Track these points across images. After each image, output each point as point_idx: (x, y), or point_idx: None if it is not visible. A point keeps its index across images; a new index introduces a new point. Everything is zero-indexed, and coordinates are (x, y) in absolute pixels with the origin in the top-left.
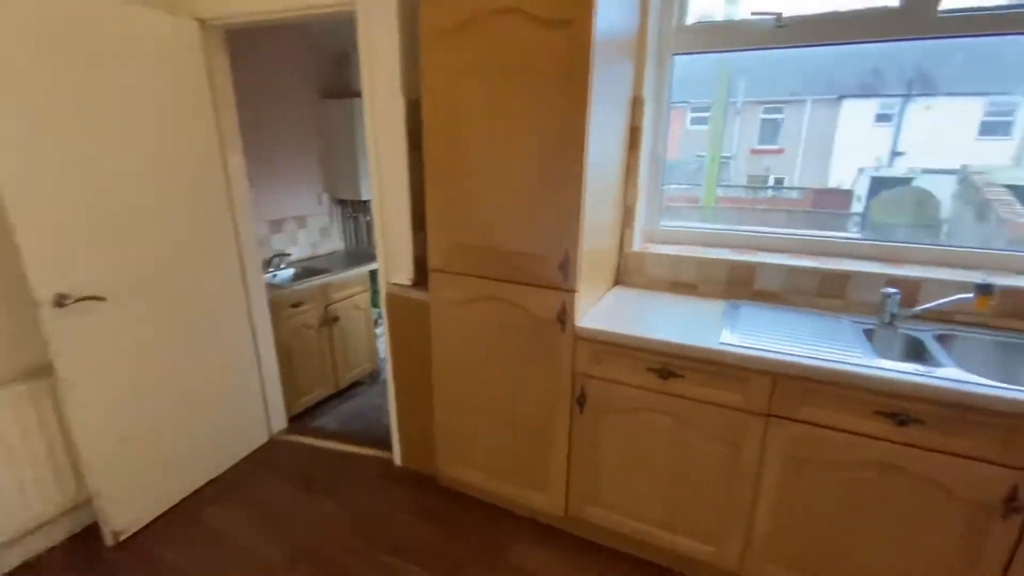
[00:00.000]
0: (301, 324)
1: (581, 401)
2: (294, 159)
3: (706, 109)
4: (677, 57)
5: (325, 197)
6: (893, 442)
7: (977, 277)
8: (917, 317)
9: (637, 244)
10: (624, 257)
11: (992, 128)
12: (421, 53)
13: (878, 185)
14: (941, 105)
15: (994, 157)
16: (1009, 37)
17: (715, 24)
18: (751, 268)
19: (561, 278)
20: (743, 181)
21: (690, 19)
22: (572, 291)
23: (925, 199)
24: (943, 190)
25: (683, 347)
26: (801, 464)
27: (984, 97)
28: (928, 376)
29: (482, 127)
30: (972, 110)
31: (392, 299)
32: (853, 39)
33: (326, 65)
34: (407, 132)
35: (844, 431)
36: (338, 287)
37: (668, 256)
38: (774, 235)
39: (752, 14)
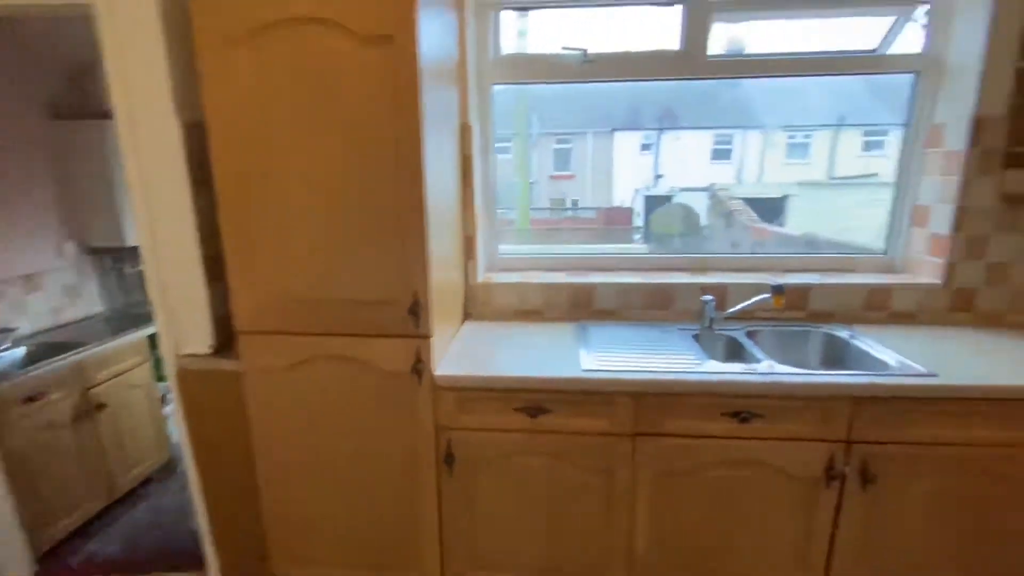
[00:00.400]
0: (44, 423)
1: (449, 459)
2: (16, 199)
3: (507, 139)
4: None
5: (70, 246)
6: (740, 438)
7: (771, 279)
8: (730, 319)
9: (481, 275)
10: (470, 290)
11: (720, 154)
12: (199, 67)
13: (650, 202)
14: (685, 136)
15: (723, 177)
16: (728, 84)
17: (530, 56)
18: (590, 289)
19: (412, 324)
20: (547, 204)
21: (504, 50)
22: (426, 336)
23: (689, 213)
24: (699, 205)
25: (551, 380)
26: (670, 476)
27: (712, 130)
28: (754, 374)
29: (295, 157)
30: (705, 140)
31: (185, 376)
32: (646, 77)
33: (57, 78)
34: (188, 162)
35: (701, 436)
36: (100, 363)
37: (514, 285)
38: (604, 255)
39: (563, 49)
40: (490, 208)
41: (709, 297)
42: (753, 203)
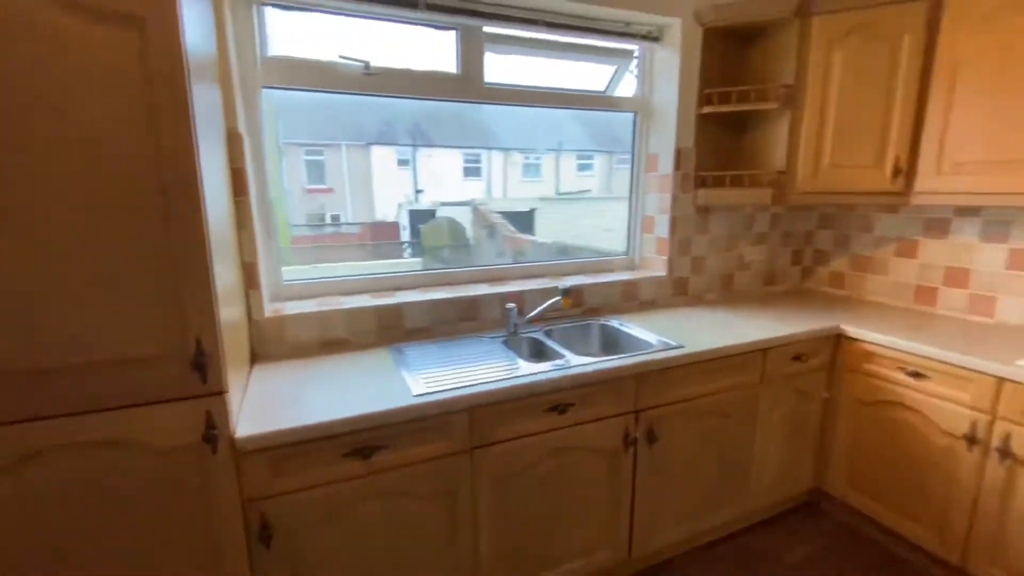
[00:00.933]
0: None
1: (265, 535)
2: None
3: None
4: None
5: None
6: (560, 428)
7: (559, 283)
8: (530, 322)
9: (268, 308)
10: (257, 327)
11: (471, 172)
12: None
13: (415, 217)
14: (439, 153)
15: (475, 193)
16: (472, 107)
17: (304, 61)
18: (397, 310)
19: (198, 379)
20: (303, 220)
21: (274, 51)
22: (220, 393)
23: (455, 226)
24: (463, 218)
25: (384, 414)
26: (507, 480)
27: (461, 149)
28: (564, 368)
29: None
30: (457, 158)
31: None
32: (427, 96)
33: None
34: None
35: (529, 435)
36: None
37: (312, 315)
38: (405, 274)
39: (340, 57)
40: (269, 229)
41: (512, 305)
42: (508, 216)
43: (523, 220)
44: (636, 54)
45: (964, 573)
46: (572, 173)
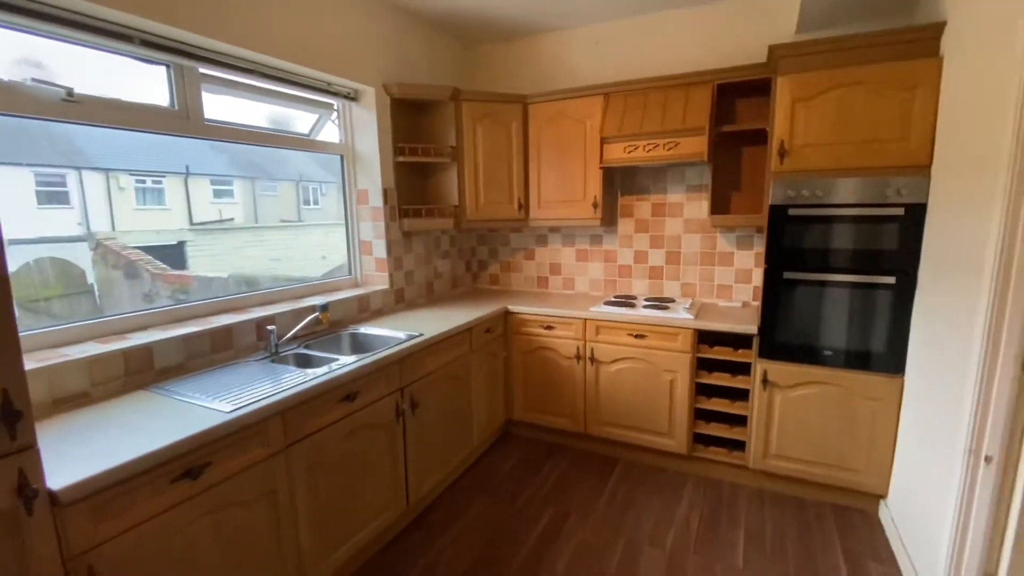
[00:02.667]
0: None
1: None
2: None
3: None
4: None
5: None
6: (351, 414)
7: (316, 301)
8: (292, 339)
9: None
10: None
11: (53, 197)
12: None
13: None
14: None
15: (62, 224)
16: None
17: None
18: (145, 351)
19: (7, 437)
20: None
21: None
22: (31, 447)
23: (65, 268)
24: (79, 258)
25: (207, 432)
26: (315, 468)
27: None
28: (348, 366)
29: None
30: (21, 179)
31: None
32: (142, 128)
33: None
34: None
35: (330, 424)
36: None
37: (36, 372)
38: (125, 316)
39: (33, 80)
40: None
41: (272, 327)
42: (148, 251)
43: (172, 254)
44: (336, 107)
45: (587, 435)
46: (207, 200)
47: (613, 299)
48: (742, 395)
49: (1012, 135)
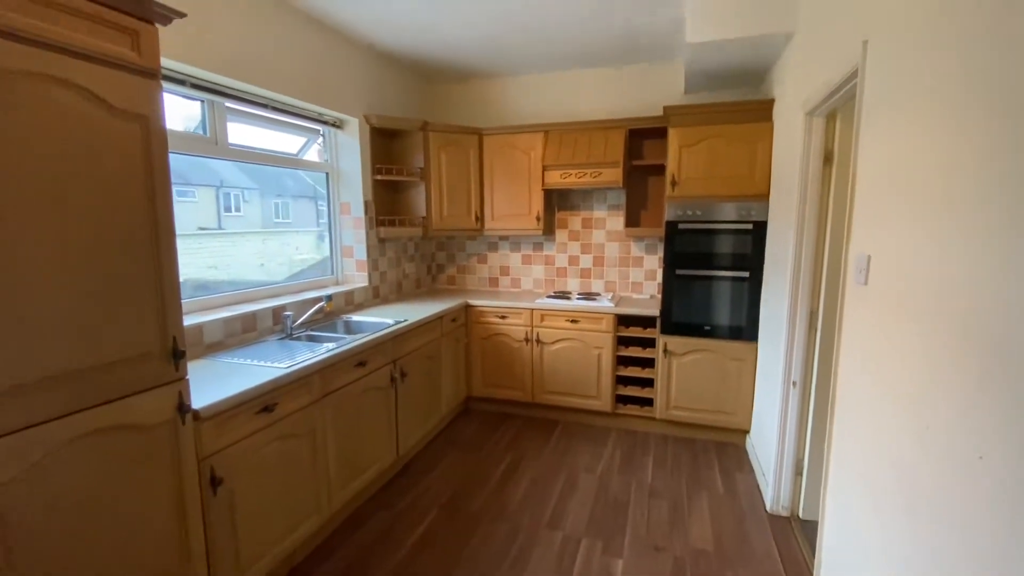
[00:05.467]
0: None
1: (215, 482)
2: None
3: None
4: None
5: None
6: (362, 377)
7: (324, 292)
8: (303, 324)
9: None
10: None
11: None
12: None
13: None
14: None
15: None
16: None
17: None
18: (198, 329)
19: (173, 368)
20: None
21: None
22: (183, 378)
23: None
24: None
25: (281, 378)
26: (340, 414)
27: None
28: (358, 340)
29: (44, 217)
30: None
31: None
32: (186, 151)
33: None
34: None
35: (350, 383)
36: None
37: None
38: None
39: None
40: None
41: (289, 313)
42: None
43: None
44: (322, 132)
45: (534, 403)
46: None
47: (553, 294)
48: (650, 363)
49: (798, 178)
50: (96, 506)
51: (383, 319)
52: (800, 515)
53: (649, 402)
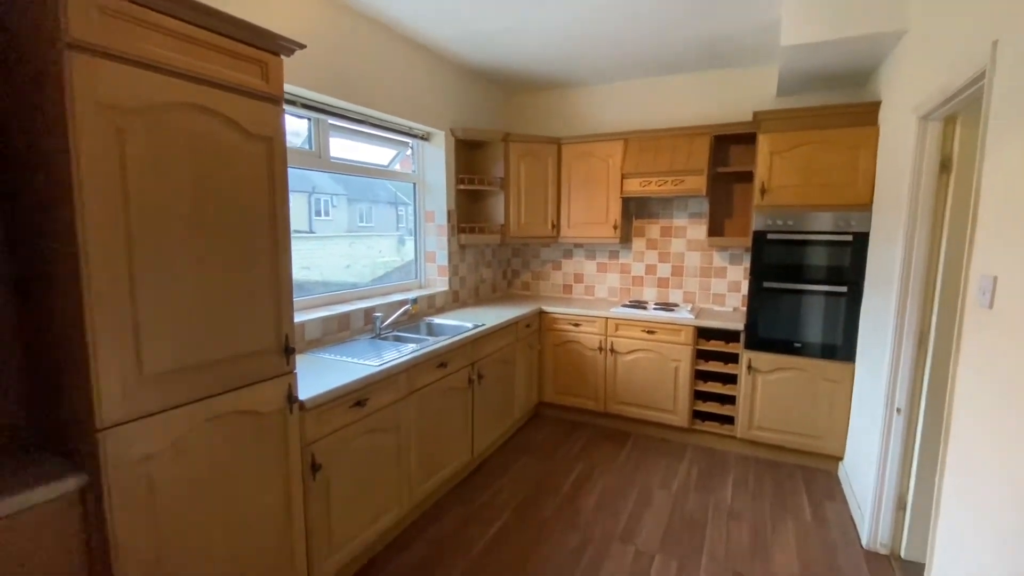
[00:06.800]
0: None
1: (315, 467)
2: None
3: None
4: None
5: None
6: (443, 377)
7: (408, 295)
8: (391, 325)
9: None
10: None
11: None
12: (74, 129)
13: None
14: None
15: None
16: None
17: None
18: (300, 327)
19: (285, 363)
20: None
21: None
22: (292, 371)
23: None
24: None
25: (367, 377)
26: (422, 415)
27: None
28: (441, 342)
29: (190, 227)
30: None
31: None
32: (296, 165)
33: None
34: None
35: (432, 382)
36: None
37: None
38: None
39: None
40: None
41: (379, 314)
42: None
43: None
44: (411, 144)
45: (606, 413)
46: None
47: (628, 303)
48: (731, 379)
49: (909, 187)
50: (222, 478)
51: (463, 322)
52: (902, 554)
53: (730, 420)
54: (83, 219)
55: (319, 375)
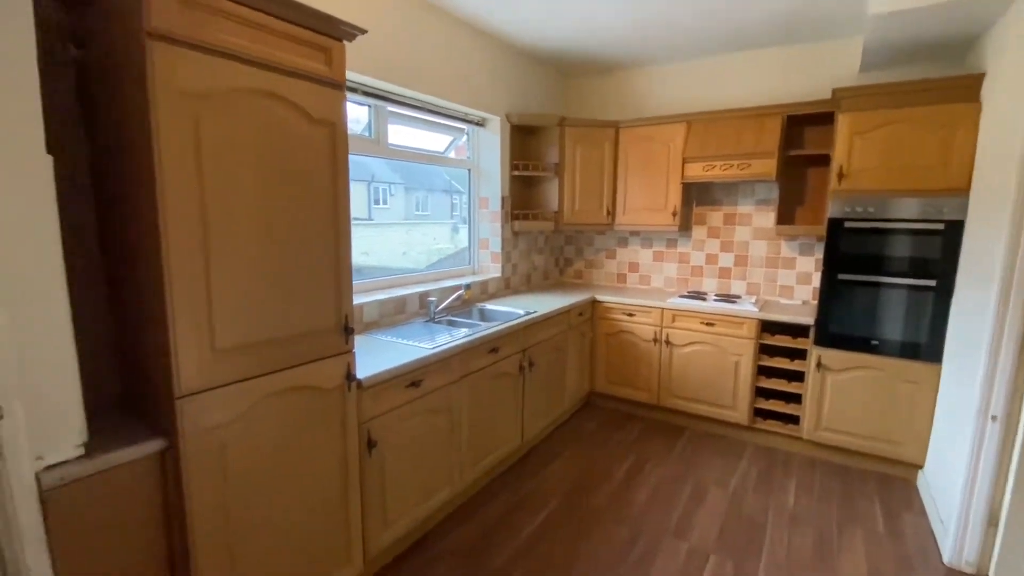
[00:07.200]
0: None
1: (371, 444)
2: None
3: None
4: None
5: None
6: (494, 363)
7: (462, 281)
8: (444, 309)
9: None
10: None
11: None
12: (155, 117)
13: None
14: None
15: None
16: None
17: None
18: (359, 309)
19: (343, 342)
20: None
21: None
22: (351, 350)
23: None
24: None
25: (423, 359)
26: (474, 396)
27: None
28: (493, 328)
29: (257, 209)
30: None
31: (60, 499)
32: (357, 152)
33: None
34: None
35: (483, 367)
36: None
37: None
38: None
39: None
40: None
41: (433, 299)
42: None
43: None
44: (466, 131)
45: (659, 406)
46: (364, 203)
47: (687, 293)
48: (798, 377)
49: (1017, 171)
50: (285, 449)
51: (514, 309)
52: (991, 574)
53: (794, 419)
54: (164, 203)
55: (375, 355)
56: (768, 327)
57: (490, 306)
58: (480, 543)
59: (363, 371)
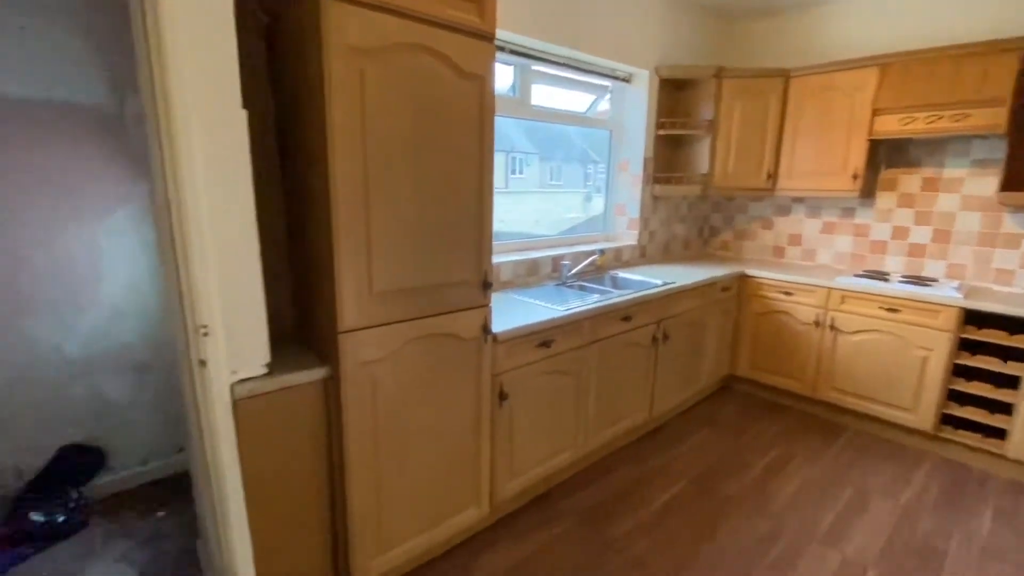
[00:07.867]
0: None
1: (503, 396)
2: None
3: None
4: None
5: None
6: (626, 331)
7: (595, 247)
8: (576, 274)
9: None
10: None
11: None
12: (328, 71)
13: None
14: None
15: None
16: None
17: None
18: (496, 268)
19: (482, 296)
20: None
21: None
22: (488, 305)
23: None
24: None
25: (552, 320)
26: (604, 362)
27: None
28: (626, 295)
29: (409, 163)
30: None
31: (248, 407)
32: (502, 113)
33: None
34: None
35: (612, 335)
36: None
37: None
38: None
39: None
40: None
41: (567, 263)
42: None
43: None
44: (610, 88)
45: (814, 399)
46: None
47: (863, 273)
48: (1009, 382)
49: None
50: (427, 390)
51: (650, 279)
52: None
53: (999, 433)
54: (334, 155)
55: (509, 313)
56: (974, 318)
57: (623, 274)
58: (600, 510)
59: (498, 326)
